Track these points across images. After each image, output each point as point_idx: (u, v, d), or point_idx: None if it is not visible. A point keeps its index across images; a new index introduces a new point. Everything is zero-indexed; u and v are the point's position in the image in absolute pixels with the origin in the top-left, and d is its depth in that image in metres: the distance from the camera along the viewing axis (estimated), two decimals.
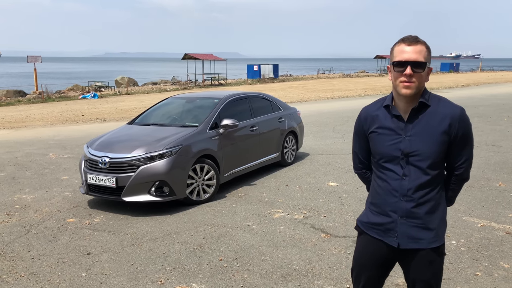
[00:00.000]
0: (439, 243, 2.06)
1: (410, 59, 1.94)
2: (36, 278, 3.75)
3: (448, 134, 1.99)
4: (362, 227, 2.22)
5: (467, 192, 5.92)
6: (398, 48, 1.99)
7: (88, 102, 21.84)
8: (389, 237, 2.09)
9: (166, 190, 5.42)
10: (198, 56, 35.74)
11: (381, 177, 2.11)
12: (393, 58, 2.00)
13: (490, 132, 10.75)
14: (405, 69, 1.94)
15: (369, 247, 2.18)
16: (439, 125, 1.98)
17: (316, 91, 26.11)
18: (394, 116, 2.05)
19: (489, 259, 3.96)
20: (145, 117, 6.95)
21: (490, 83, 32.30)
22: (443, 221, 2.10)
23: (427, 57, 1.97)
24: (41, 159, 8.51)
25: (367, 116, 2.16)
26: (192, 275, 3.77)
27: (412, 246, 2.05)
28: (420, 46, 1.96)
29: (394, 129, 2.04)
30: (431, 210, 2.04)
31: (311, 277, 3.69)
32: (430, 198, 2.04)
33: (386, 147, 2.05)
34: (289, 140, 7.79)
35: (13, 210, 5.56)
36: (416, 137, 1.99)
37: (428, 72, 2.02)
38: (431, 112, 2.00)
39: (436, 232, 2.05)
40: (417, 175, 2.01)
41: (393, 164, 2.05)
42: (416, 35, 2.00)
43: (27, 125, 13.55)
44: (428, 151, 1.99)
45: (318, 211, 5.33)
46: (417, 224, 2.04)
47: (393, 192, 2.06)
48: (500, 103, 17.41)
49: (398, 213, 2.05)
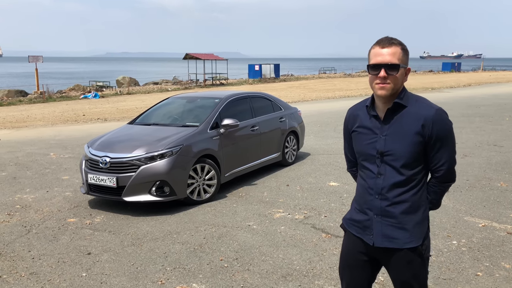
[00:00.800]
0: (415, 244, 2.05)
1: (383, 62, 1.96)
2: (36, 278, 3.75)
3: (422, 135, 1.99)
4: (345, 224, 2.27)
5: (468, 192, 5.91)
6: (373, 51, 2.01)
7: (89, 102, 21.86)
8: (366, 235, 2.13)
9: (167, 190, 5.42)
10: (199, 56, 35.74)
11: (361, 175, 2.19)
12: (369, 61, 2.03)
13: (491, 132, 10.73)
14: (379, 71, 1.97)
15: (350, 245, 2.23)
16: (412, 125, 2.00)
17: (317, 90, 26.10)
18: (372, 116, 2.10)
19: (490, 259, 3.94)
20: (145, 117, 6.95)
21: (492, 83, 32.24)
22: (423, 223, 2.08)
23: (402, 59, 1.99)
24: (42, 159, 8.52)
25: (351, 115, 2.23)
26: (192, 275, 3.77)
27: (387, 245, 2.06)
28: (395, 48, 1.98)
29: (372, 129, 2.09)
30: (407, 210, 2.05)
31: (311, 277, 3.68)
32: (406, 199, 2.04)
33: (364, 146, 2.11)
34: (290, 140, 7.79)
35: (14, 210, 5.56)
36: (391, 137, 2.03)
37: (406, 72, 2.04)
38: (406, 113, 2.02)
39: (411, 233, 2.04)
40: (392, 174, 2.04)
41: (370, 163, 2.10)
42: (392, 37, 2.01)
43: (28, 125, 13.57)
44: (401, 151, 2.01)
45: (319, 211, 5.32)
46: (392, 223, 2.06)
47: (369, 190, 2.11)
48: (502, 103, 17.38)
49: (373, 211, 2.09)
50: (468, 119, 12.97)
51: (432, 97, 20.92)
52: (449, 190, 4.41)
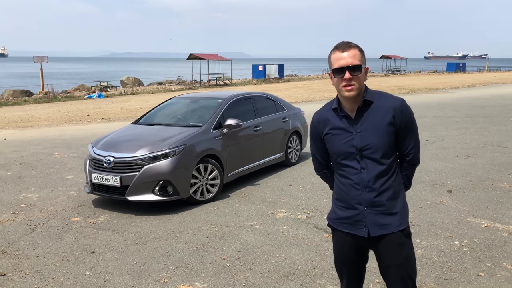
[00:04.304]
0: (404, 226, 2.21)
1: (347, 65, 2.09)
2: (41, 276, 3.79)
3: (393, 124, 2.15)
4: (332, 223, 2.36)
5: (471, 193, 5.90)
6: (334, 56, 2.14)
7: (94, 102, 21.95)
8: (359, 229, 2.23)
9: (170, 190, 5.45)
10: (203, 56, 35.79)
11: (341, 174, 2.27)
12: (332, 66, 2.15)
13: (495, 132, 10.69)
14: (344, 74, 2.10)
15: (343, 242, 2.33)
16: (383, 118, 2.15)
17: (321, 91, 26.07)
18: (342, 117, 2.22)
19: (492, 259, 3.94)
20: (149, 117, 6.99)
21: (497, 84, 32.10)
22: (405, 204, 2.27)
23: (362, 59, 2.13)
24: (47, 158, 8.58)
25: (319, 120, 2.32)
26: (195, 274, 3.79)
27: (382, 232, 2.19)
28: (353, 50, 2.12)
29: (345, 128, 2.21)
30: (393, 196, 2.20)
31: (313, 277, 3.70)
32: (389, 186, 2.20)
33: (341, 145, 2.21)
34: (293, 140, 7.80)
35: (18, 209, 5.61)
36: (366, 132, 2.16)
37: (366, 71, 2.18)
38: (375, 108, 2.17)
39: (400, 215, 2.21)
40: (374, 166, 2.17)
41: (350, 160, 2.21)
42: (348, 41, 2.15)
43: (33, 125, 13.66)
44: (379, 143, 2.15)
45: (321, 211, 5.33)
46: (382, 211, 2.19)
47: (355, 186, 2.21)
48: (506, 104, 17.31)
49: (363, 204, 2.20)
50: (472, 119, 12.94)
51: (437, 97, 20.87)
52: (452, 191, 4.29)
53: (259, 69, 40.93)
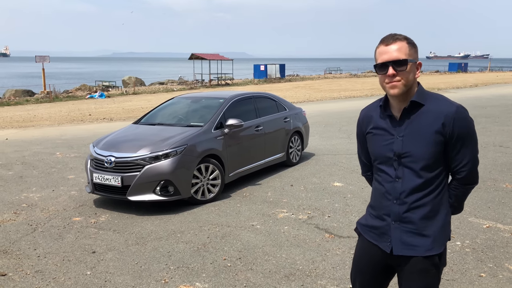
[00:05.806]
0: (436, 252, 1.93)
1: (390, 59, 1.87)
2: (41, 276, 3.79)
3: (442, 134, 1.88)
4: (360, 229, 2.17)
5: (473, 193, 5.88)
6: (378, 50, 1.92)
7: (95, 101, 21.98)
8: (383, 242, 2.01)
9: (171, 190, 5.45)
10: (204, 56, 35.80)
11: (377, 179, 2.06)
12: (376, 61, 1.95)
13: (498, 132, 10.67)
14: (387, 70, 1.88)
15: (365, 251, 2.12)
16: (432, 124, 1.89)
17: (323, 91, 26.06)
18: (387, 116, 1.99)
19: (494, 260, 3.93)
20: (150, 116, 6.99)
21: (499, 83, 32.01)
22: (444, 228, 1.97)
23: (409, 53, 1.88)
24: (48, 158, 8.59)
25: (364, 117, 2.13)
26: (195, 274, 3.79)
27: (406, 253, 1.95)
28: (399, 43, 1.88)
29: (387, 130, 1.98)
30: (427, 215, 1.93)
31: (314, 277, 3.69)
32: (425, 203, 1.92)
33: (380, 147, 2.00)
34: (295, 140, 7.79)
35: (20, 209, 5.61)
36: (409, 137, 1.91)
37: (417, 67, 1.93)
38: (424, 111, 1.91)
39: (433, 238, 1.93)
40: (411, 177, 1.92)
41: (386, 165, 1.99)
42: (395, 33, 1.93)
43: (35, 125, 13.67)
44: (420, 152, 1.89)
45: (323, 211, 5.32)
46: (410, 229, 1.94)
47: (386, 195, 1.99)
48: (508, 104, 17.26)
49: (391, 217, 1.98)
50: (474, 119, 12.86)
51: None
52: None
53: (261, 69, 40.94)
